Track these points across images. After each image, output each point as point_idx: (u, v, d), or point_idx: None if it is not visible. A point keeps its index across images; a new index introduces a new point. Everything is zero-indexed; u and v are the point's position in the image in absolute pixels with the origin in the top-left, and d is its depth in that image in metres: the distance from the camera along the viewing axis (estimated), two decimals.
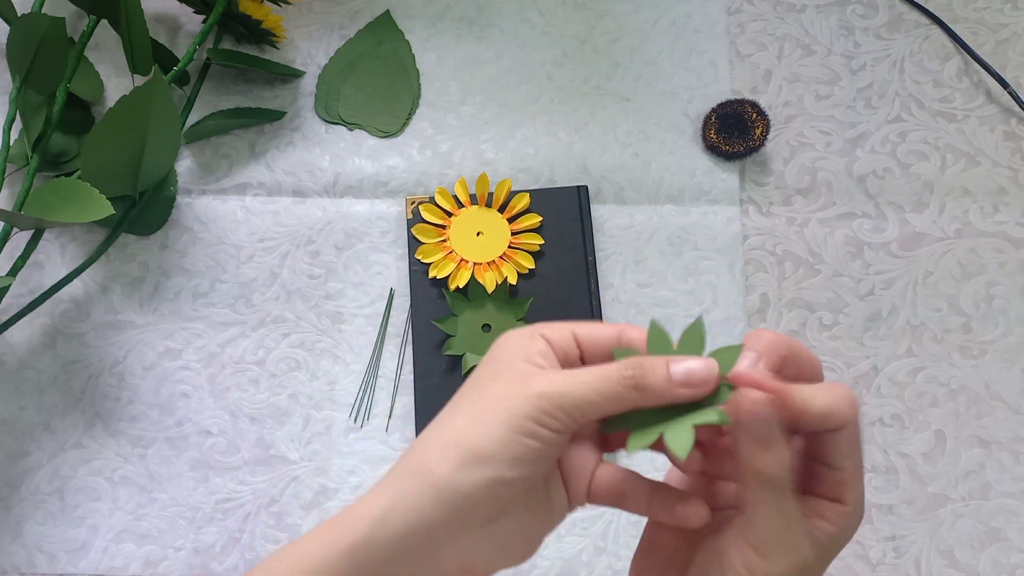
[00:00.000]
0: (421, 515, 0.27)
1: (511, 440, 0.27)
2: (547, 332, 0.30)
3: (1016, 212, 0.60)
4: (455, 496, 0.26)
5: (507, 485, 0.27)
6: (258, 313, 0.59)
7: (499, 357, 0.29)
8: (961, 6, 0.64)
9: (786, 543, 0.27)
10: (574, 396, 0.27)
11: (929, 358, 0.58)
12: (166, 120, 0.54)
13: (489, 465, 0.26)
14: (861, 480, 0.28)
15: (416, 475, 0.27)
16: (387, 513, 0.27)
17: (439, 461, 0.27)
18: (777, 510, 0.27)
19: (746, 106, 0.60)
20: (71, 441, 0.57)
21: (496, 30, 0.64)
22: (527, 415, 0.27)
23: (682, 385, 0.27)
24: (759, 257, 0.60)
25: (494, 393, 0.28)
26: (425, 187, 0.61)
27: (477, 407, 0.28)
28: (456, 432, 0.28)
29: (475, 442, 0.27)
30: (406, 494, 0.27)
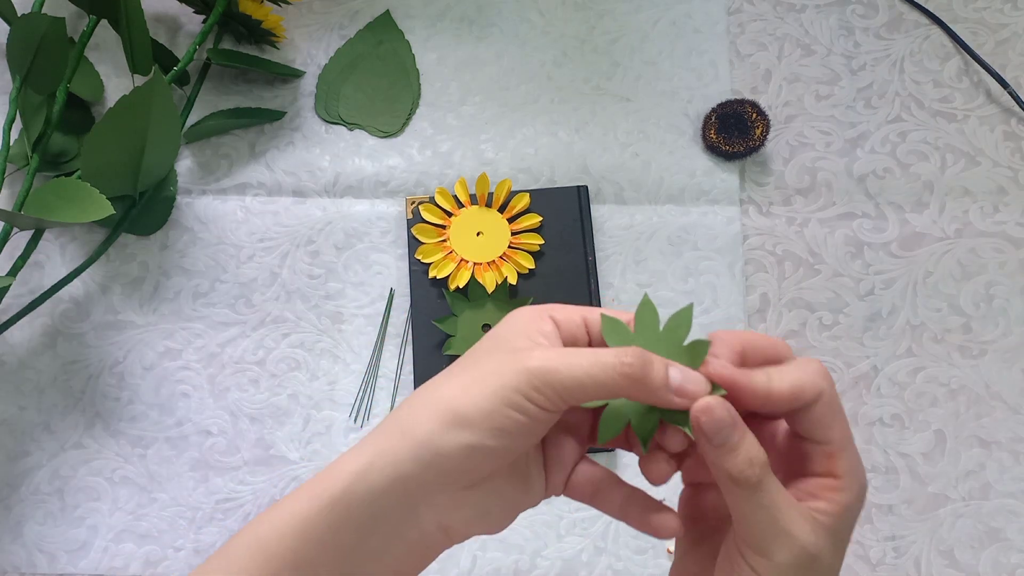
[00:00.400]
0: (399, 470, 0.27)
1: (496, 410, 0.26)
2: (556, 313, 0.30)
3: (1016, 212, 0.60)
4: (434, 455, 0.27)
5: (487, 453, 0.27)
6: (258, 313, 0.59)
7: (503, 331, 0.29)
8: (961, 6, 0.64)
9: (780, 535, 0.26)
10: (566, 375, 0.26)
11: (929, 358, 0.58)
12: (166, 120, 0.54)
13: (471, 430, 0.27)
14: (850, 449, 0.28)
15: (398, 432, 0.28)
16: (367, 468, 0.27)
17: (422, 421, 0.27)
18: (758, 507, 0.27)
19: (746, 106, 0.60)
20: (71, 441, 0.57)
21: (496, 30, 0.64)
22: (516, 387, 0.26)
23: (677, 393, 0.27)
24: (759, 257, 0.60)
25: (488, 363, 0.28)
26: (425, 187, 0.61)
27: (468, 374, 0.28)
28: (443, 396, 0.28)
29: (460, 407, 0.27)
30: (386, 451, 0.27)
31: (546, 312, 0.30)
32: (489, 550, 0.55)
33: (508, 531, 0.55)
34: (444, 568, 0.55)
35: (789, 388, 0.27)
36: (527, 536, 0.56)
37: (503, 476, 0.29)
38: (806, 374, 0.27)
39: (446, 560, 0.55)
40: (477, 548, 0.55)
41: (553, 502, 0.56)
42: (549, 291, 0.58)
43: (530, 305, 0.30)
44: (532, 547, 0.55)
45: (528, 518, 0.56)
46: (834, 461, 0.27)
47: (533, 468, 0.30)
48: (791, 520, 0.27)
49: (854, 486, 0.27)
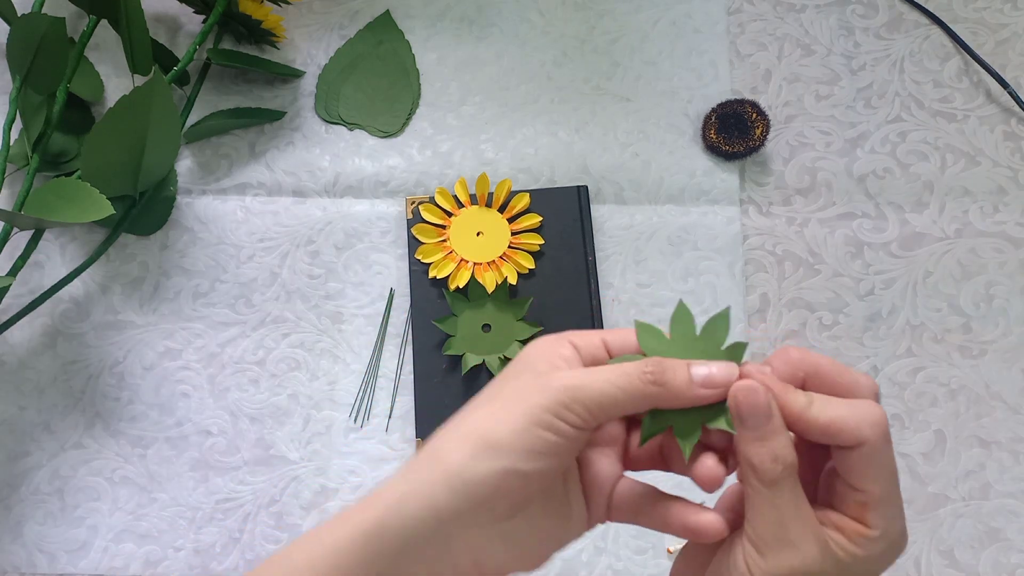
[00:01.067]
0: (433, 502, 0.26)
1: (527, 431, 0.26)
2: (575, 338, 0.30)
3: (1016, 212, 0.60)
4: (467, 485, 0.26)
5: (521, 478, 0.27)
6: (258, 313, 0.59)
7: (524, 359, 0.29)
8: (961, 6, 0.64)
9: (784, 542, 0.26)
10: (593, 390, 0.27)
11: (929, 358, 0.58)
12: (166, 120, 0.54)
13: (503, 455, 0.26)
14: (892, 507, 0.27)
15: (430, 463, 0.27)
16: (400, 500, 0.27)
17: (453, 450, 0.27)
18: (773, 506, 0.26)
19: (746, 106, 0.60)
20: (71, 441, 0.57)
21: (496, 30, 0.64)
22: (545, 407, 0.26)
23: (702, 386, 0.27)
24: (759, 257, 0.60)
25: (514, 388, 0.28)
26: (425, 187, 0.61)
27: (496, 401, 0.28)
28: (473, 423, 0.28)
29: (490, 431, 0.27)
30: (419, 481, 0.27)
31: (565, 338, 0.30)
32: None
33: None
34: None
35: (825, 422, 0.26)
36: None
37: (539, 506, 0.29)
38: (852, 417, 0.26)
39: None
40: None
41: None
42: (549, 291, 0.58)
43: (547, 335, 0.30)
44: None
45: None
46: (867, 512, 0.27)
47: (572, 495, 0.30)
48: (799, 533, 0.26)
49: (884, 542, 0.26)
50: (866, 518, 0.27)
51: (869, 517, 0.27)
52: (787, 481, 0.26)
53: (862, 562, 0.26)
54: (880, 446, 0.26)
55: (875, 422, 0.26)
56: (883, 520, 0.26)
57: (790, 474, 0.26)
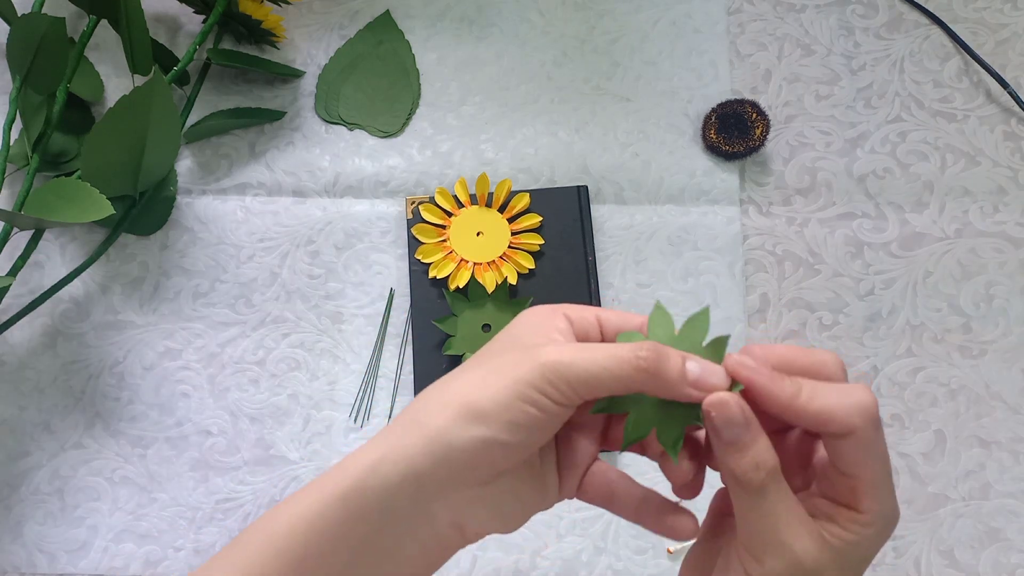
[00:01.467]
0: (412, 464, 0.26)
1: (511, 403, 0.26)
2: (570, 311, 0.30)
3: (1016, 212, 0.60)
4: (447, 449, 0.26)
5: (501, 448, 0.27)
6: (258, 313, 0.59)
7: (516, 329, 0.29)
8: (961, 6, 0.64)
9: (777, 544, 0.26)
10: (581, 368, 0.26)
11: (929, 358, 0.58)
12: (166, 120, 0.54)
13: (485, 424, 0.26)
14: (883, 489, 0.26)
15: (411, 427, 0.27)
16: (379, 461, 0.27)
17: (435, 415, 0.27)
18: (759, 512, 0.26)
19: (746, 106, 0.60)
20: (71, 441, 0.57)
21: (496, 30, 0.64)
22: (531, 382, 0.26)
23: (693, 385, 0.27)
24: (759, 257, 0.60)
25: (502, 358, 0.28)
26: (425, 187, 0.61)
27: (483, 370, 0.28)
28: (457, 390, 0.27)
29: (474, 400, 0.27)
30: (399, 445, 0.27)
31: (560, 310, 0.30)
32: (489, 550, 0.55)
33: None
34: (444, 568, 0.55)
35: (815, 411, 0.26)
36: (527, 536, 0.56)
37: (517, 475, 0.28)
38: (842, 405, 0.26)
39: None
40: (477, 548, 0.55)
41: None
42: (549, 291, 0.58)
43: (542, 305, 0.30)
44: (532, 547, 0.55)
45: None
46: (858, 497, 0.26)
47: (547, 470, 0.30)
48: (792, 532, 0.26)
49: (878, 523, 0.26)
50: (858, 503, 0.26)
51: (861, 502, 0.26)
52: (772, 485, 0.26)
53: (856, 546, 0.26)
54: (870, 433, 0.26)
55: (865, 409, 0.26)
56: (875, 503, 0.26)
57: (774, 478, 0.26)
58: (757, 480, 0.26)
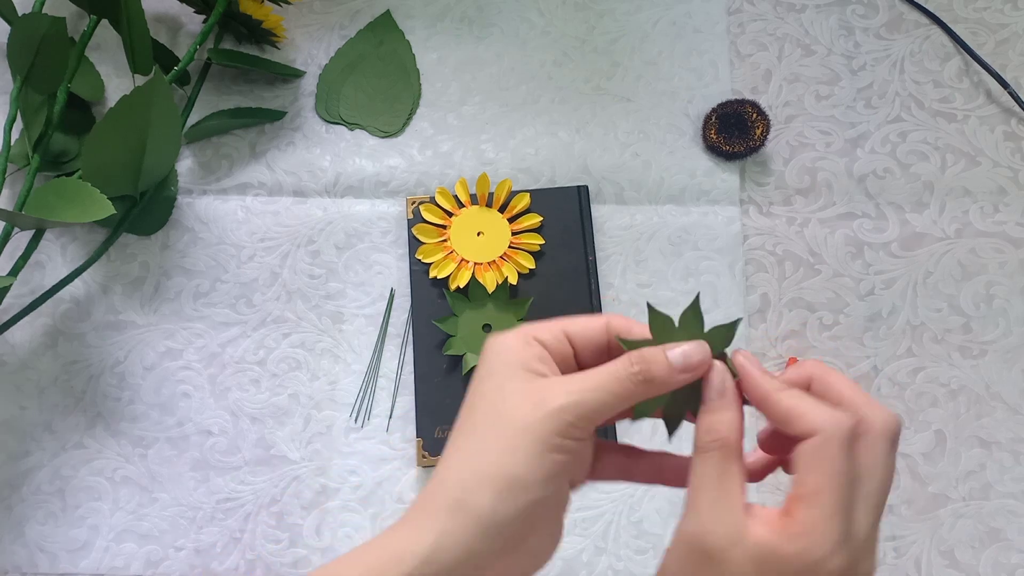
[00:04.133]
0: (468, 550, 0.27)
1: (543, 459, 0.27)
2: (540, 335, 0.30)
3: (1016, 212, 0.60)
4: (499, 527, 0.27)
5: (544, 503, 0.28)
6: (259, 313, 0.59)
7: (498, 368, 0.29)
8: (961, 6, 0.64)
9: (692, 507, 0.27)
10: (593, 403, 0.27)
11: (929, 358, 0.58)
12: (167, 120, 0.54)
13: (528, 490, 0.27)
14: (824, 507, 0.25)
15: (457, 511, 0.27)
16: (433, 551, 0.27)
17: (478, 495, 0.27)
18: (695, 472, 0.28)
19: (746, 106, 0.60)
20: (72, 441, 0.57)
21: (496, 30, 0.64)
22: (554, 432, 0.27)
23: (682, 371, 0.28)
24: (759, 257, 0.60)
25: (512, 411, 0.28)
26: (426, 187, 0.61)
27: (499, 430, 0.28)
28: (488, 463, 0.28)
29: (511, 470, 0.27)
30: (450, 531, 0.27)
31: (529, 335, 0.30)
32: None
33: None
34: None
35: (785, 407, 0.27)
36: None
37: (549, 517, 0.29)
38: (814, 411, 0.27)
39: None
40: None
41: None
42: (549, 291, 0.58)
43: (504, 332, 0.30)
44: None
45: None
46: (797, 504, 0.26)
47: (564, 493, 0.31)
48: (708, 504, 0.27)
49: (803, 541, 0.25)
50: (794, 508, 0.26)
51: (797, 508, 0.26)
52: (714, 454, 0.27)
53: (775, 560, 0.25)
54: (832, 445, 0.26)
55: (837, 423, 0.26)
56: (810, 517, 0.25)
57: (719, 447, 0.27)
58: (704, 440, 0.27)
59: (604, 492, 0.56)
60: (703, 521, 0.27)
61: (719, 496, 0.27)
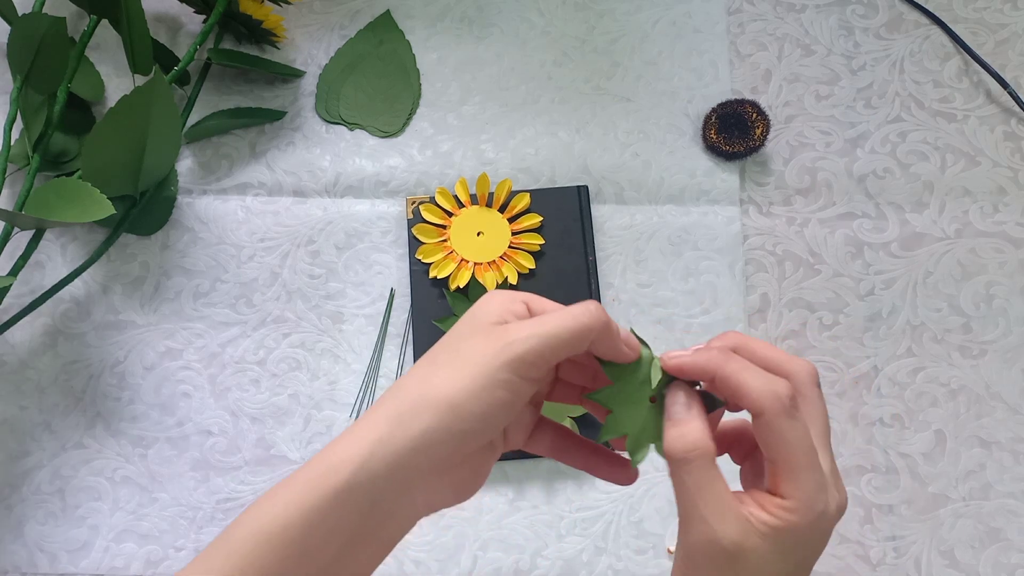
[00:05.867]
0: (399, 460, 0.28)
1: (486, 392, 0.28)
2: (530, 300, 0.32)
3: (1016, 212, 0.60)
4: (430, 446, 0.28)
5: (478, 435, 0.29)
6: (259, 313, 0.59)
7: (479, 313, 0.31)
8: (961, 6, 0.64)
9: (696, 518, 0.28)
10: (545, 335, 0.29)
11: (929, 358, 0.58)
12: (167, 120, 0.54)
13: (464, 420, 0.28)
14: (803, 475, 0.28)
15: (395, 423, 0.29)
16: (368, 457, 0.28)
17: (419, 413, 0.28)
18: (684, 486, 0.28)
19: (746, 106, 0.60)
20: (72, 441, 0.57)
21: (496, 30, 0.64)
22: (502, 366, 0.28)
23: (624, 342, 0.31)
24: (759, 257, 0.60)
25: (471, 349, 0.29)
26: (426, 187, 0.61)
27: (455, 362, 0.29)
28: (435, 386, 0.29)
29: (454, 398, 0.28)
30: (385, 441, 0.28)
31: (519, 297, 0.31)
32: (489, 550, 0.55)
33: (508, 531, 0.55)
34: (444, 568, 0.55)
35: (734, 384, 0.29)
36: (527, 536, 0.56)
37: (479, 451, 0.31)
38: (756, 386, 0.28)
39: (446, 560, 0.55)
40: (478, 548, 0.56)
41: (553, 502, 0.56)
42: (549, 291, 0.58)
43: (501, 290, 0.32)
44: (532, 547, 0.55)
45: (529, 518, 0.56)
46: (778, 482, 0.28)
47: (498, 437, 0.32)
48: (711, 509, 0.28)
49: (801, 509, 0.28)
50: (778, 487, 0.28)
51: (780, 486, 0.28)
52: (696, 462, 0.28)
53: (784, 532, 0.28)
54: (779, 419, 0.28)
55: (776, 395, 0.28)
56: (796, 490, 0.28)
57: (699, 456, 0.28)
58: (681, 453, 0.29)
59: (604, 492, 0.56)
60: (712, 526, 0.28)
61: (717, 498, 0.28)
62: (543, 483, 0.56)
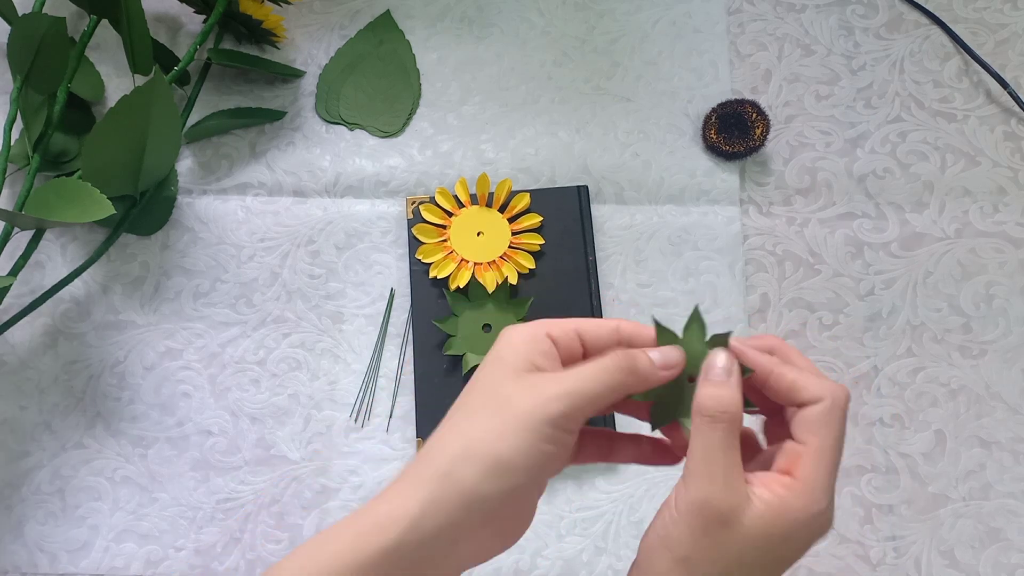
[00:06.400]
0: (450, 520, 0.28)
1: (532, 448, 0.28)
2: (552, 331, 0.32)
3: (1016, 212, 0.60)
4: (482, 503, 0.28)
5: (526, 487, 0.29)
6: (259, 313, 0.59)
7: (506, 357, 0.31)
8: (961, 6, 0.64)
9: (704, 474, 0.29)
10: (585, 393, 0.29)
11: (929, 358, 0.58)
12: (167, 120, 0.54)
13: (514, 474, 0.28)
14: (821, 467, 0.29)
15: (444, 482, 0.29)
16: (419, 518, 0.28)
17: (465, 470, 0.28)
18: (705, 443, 0.29)
19: (746, 106, 0.60)
20: (72, 441, 0.57)
21: (496, 30, 0.64)
22: (546, 421, 0.28)
23: (661, 368, 0.31)
24: (759, 257, 0.60)
25: (509, 400, 0.29)
26: (426, 187, 0.61)
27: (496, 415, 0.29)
28: (480, 441, 0.29)
29: (500, 452, 0.28)
30: (435, 501, 0.28)
31: (543, 329, 0.31)
32: None
33: None
34: None
35: (790, 380, 0.30)
36: (527, 536, 0.56)
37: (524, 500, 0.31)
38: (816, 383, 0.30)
39: None
40: None
41: (553, 502, 0.56)
42: (549, 291, 0.58)
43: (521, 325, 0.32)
44: (532, 547, 0.55)
45: None
46: (797, 462, 0.29)
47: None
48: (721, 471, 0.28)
49: (805, 496, 0.28)
50: (795, 468, 0.29)
51: (799, 468, 0.29)
52: (723, 426, 0.29)
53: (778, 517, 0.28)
54: (835, 407, 0.29)
55: (841, 391, 0.30)
56: (810, 477, 0.29)
57: (728, 421, 0.29)
58: (714, 411, 0.29)
59: (604, 492, 0.56)
60: (715, 488, 0.28)
61: (729, 464, 0.29)
62: None
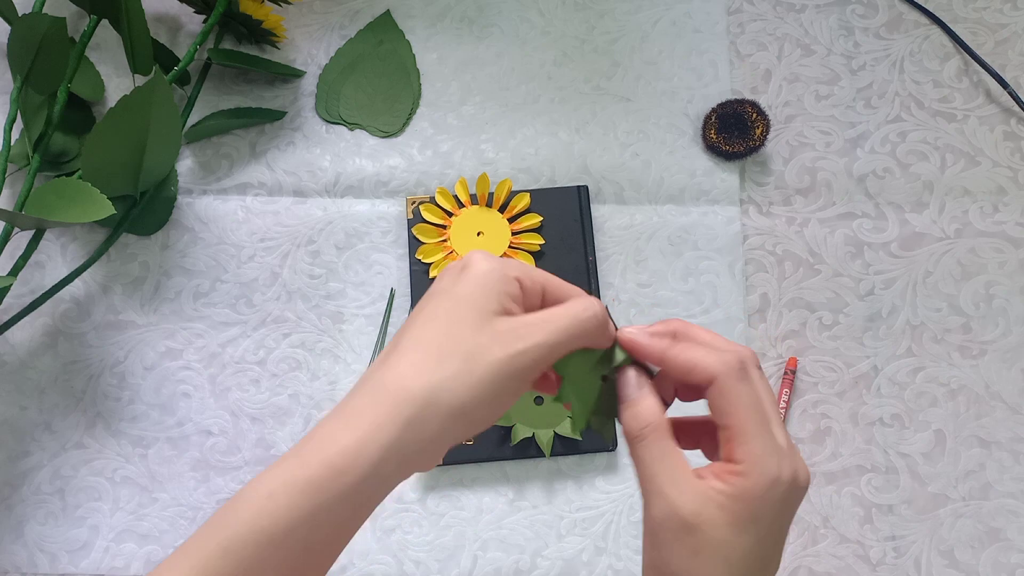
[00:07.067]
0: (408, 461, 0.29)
1: (497, 399, 0.29)
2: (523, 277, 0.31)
3: (1016, 212, 0.60)
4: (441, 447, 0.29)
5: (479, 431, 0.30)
6: (259, 313, 0.59)
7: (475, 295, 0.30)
8: (961, 6, 0.64)
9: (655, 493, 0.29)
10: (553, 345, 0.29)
11: (929, 358, 0.58)
12: (167, 120, 0.54)
13: (476, 424, 0.29)
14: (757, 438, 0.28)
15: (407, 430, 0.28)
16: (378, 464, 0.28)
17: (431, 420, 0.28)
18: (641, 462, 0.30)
19: (746, 106, 0.60)
20: (72, 441, 0.57)
21: (496, 30, 0.64)
22: (514, 375, 0.29)
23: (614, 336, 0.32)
24: (759, 257, 0.60)
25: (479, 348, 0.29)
26: (426, 187, 0.61)
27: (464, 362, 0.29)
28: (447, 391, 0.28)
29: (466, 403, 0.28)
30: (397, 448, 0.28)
31: (512, 273, 0.31)
32: (489, 550, 0.55)
33: (508, 531, 0.55)
34: (444, 568, 0.55)
35: (683, 361, 0.30)
36: (527, 536, 0.56)
37: None
38: (706, 357, 0.29)
39: (446, 560, 0.55)
40: (478, 548, 0.56)
41: (553, 502, 0.56)
42: None
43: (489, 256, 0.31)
44: (532, 547, 0.55)
45: (529, 518, 0.56)
46: (731, 447, 0.29)
47: None
48: (669, 482, 0.28)
49: (755, 473, 0.28)
50: (732, 453, 0.29)
51: (735, 451, 0.28)
52: (651, 437, 0.29)
53: (739, 500, 0.28)
54: (731, 380, 0.29)
55: (727, 361, 0.29)
56: (748, 453, 0.28)
57: (653, 431, 0.29)
58: (636, 428, 0.30)
59: (604, 492, 0.56)
60: (671, 498, 0.28)
61: (672, 472, 0.29)
62: (543, 483, 0.56)
